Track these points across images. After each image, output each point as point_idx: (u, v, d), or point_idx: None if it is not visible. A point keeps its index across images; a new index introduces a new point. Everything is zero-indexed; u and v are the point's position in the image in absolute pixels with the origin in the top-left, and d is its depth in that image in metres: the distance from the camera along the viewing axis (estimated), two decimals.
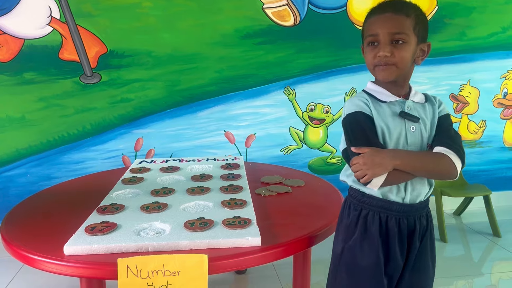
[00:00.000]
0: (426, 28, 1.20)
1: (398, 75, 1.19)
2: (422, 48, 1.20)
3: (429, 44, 1.21)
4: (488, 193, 2.81)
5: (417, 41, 1.17)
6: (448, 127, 1.23)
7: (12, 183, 2.76)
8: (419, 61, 1.21)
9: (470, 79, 3.13)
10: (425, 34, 1.20)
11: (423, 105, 1.24)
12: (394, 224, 1.22)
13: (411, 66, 1.21)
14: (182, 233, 1.26)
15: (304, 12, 2.83)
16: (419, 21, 1.17)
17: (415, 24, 1.16)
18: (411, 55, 1.17)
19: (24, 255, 1.24)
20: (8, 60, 2.61)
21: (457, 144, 1.20)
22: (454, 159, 1.17)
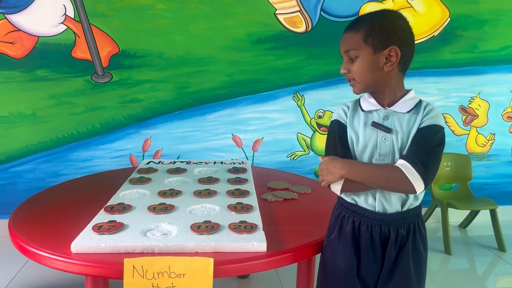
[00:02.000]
0: (384, 34, 1.15)
1: (363, 87, 1.21)
2: (386, 54, 1.16)
3: (392, 48, 1.15)
4: (495, 207, 2.79)
5: (372, 51, 1.16)
6: (419, 139, 1.16)
7: (20, 178, 2.78)
8: (388, 67, 1.16)
9: (480, 91, 3.12)
10: (384, 41, 1.15)
11: (405, 114, 1.20)
12: (365, 230, 1.23)
13: (383, 75, 1.18)
14: (189, 236, 1.27)
15: (316, 19, 2.84)
16: (371, 31, 1.16)
17: (365, 36, 1.16)
18: (367, 67, 1.17)
19: (31, 251, 1.25)
20: (21, 57, 2.64)
21: (420, 157, 1.13)
22: (408, 173, 1.13)
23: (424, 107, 1.20)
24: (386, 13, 1.20)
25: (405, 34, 1.17)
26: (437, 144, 1.16)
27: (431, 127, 1.17)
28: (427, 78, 3.04)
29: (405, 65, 1.21)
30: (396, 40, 1.15)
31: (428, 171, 1.14)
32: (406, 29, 1.18)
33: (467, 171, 3.04)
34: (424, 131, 1.17)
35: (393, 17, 1.19)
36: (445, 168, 3.03)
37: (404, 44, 1.16)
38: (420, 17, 2.94)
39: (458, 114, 3.13)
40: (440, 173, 3.02)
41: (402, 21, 1.19)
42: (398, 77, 1.21)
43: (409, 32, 1.19)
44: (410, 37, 1.19)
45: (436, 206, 2.97)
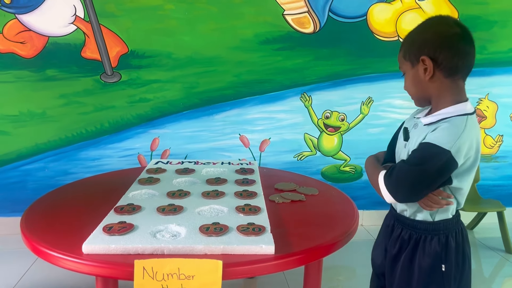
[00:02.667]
0: (416, 47, 1.19)
1: (416, 100, 1.27)
2: (422, 67, 1.18)
3: (423, 59, 1.16)
4: (502, 209, 2.78)
5: (411, 65, 1.21)
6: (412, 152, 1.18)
7: (30, 176, 2.82)
8: (427, 77, 1.17)
9: (488, 93, 3.11)
10: (417, 53, 1.18)
11: (423, 127, 1.20)
12: (388, 219, 1.38)
13: (427, 86, 1.19)
14: (198, 237, 1.28)
15: (324, 20, 2.84)
16: (407, 47, 1.22)
17: (404, 53, 1.23)
18: (411, 80, 1.23)
19: (43, 251, 1.27)
20: (32, 57, 2.67)
21: (398, 171, 1.15)
22: (380, 182, 1.19)
23: (441, 124, 1.15)
24: (425, 24, 1.23)
25: (439, 40, 1.15)
26: (422, 163, 1.12)
27: (423, 144, 1.15)
28: None
29: (451, 69, 1.16)
30: (429, 48, 1.15)
31: (398, 187, 1.15)
32: (443, 32, 1.16)
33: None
34: (419, 145, 1.17)
35: (424, 26, 1.22)
36: None
37: (439, 49, 1.15)
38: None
39: None
40: None
41: (435, 27, 1.19)
42: (444, 84, 1.18)
43: (447, 34, 1.15)
44: (446, 40, 1.15)
45: None
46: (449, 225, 1.22)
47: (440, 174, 1.13)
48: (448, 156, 1.10)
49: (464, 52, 1.16)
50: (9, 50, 2.65)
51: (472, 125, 1.15)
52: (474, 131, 1.16)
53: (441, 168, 1.11)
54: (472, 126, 1.15)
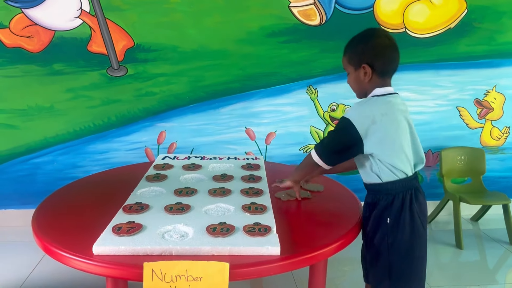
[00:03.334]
0: (358, 56, 1.47)
1: (357, 94, 1.56)
2: (362, 71, 1.46)
3: (364, 66, 1.45)
4: (507, 202, 2.79)
5: (354, 69, 1.50)
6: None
7: (40, 170, 2.86)
8: (367, 79, 1.47)
9: (496, 84, 3.08)
10: (359, 61, 1.46)
11: None
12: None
13: (365, 84, 1.49)
14: (205, 238, 1.31)
15: (330, 12, 2.83)
16: (351, 54, 1.50)
17: (348, 59, 1.51)
18: (354, 80, 1.52)
19: (55, 251, 1.30)
20: (38, 51, 2.69)
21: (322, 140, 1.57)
22: (312, 152, 1.56)
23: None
24: (363, 36, 1.51)
25: (378, 50, 1.45)
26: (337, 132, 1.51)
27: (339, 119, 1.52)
28: (442, 71, 3.01)
29: (383, 72, 1.47)
30: (368, 58, 1.45)
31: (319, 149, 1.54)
32: (380, 45, 1.46)
33: (480, 165, 3.03)
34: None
35: (367, 39, 1.48)
36: (458, 162, 3.03)
37: (376, 58, 1.45)
38: (436, 9, 2.90)
39: (473, 107, 3.11)
40: (453, 167, 3.03)
41: (377, 38, 1.47)
42: (378, 82, 1.48)
43: (383, 46, 1.46)
44: (385, 51, 1.46)
45: (448, 200, 2.97)
46: (395, 186, 1.48)
47: (343, 135, 1.48)
48: (348, 121, 1.44)
49: (393, 59, 1.48)
50: (16, 45, 2.67)
51: (376, 101, 1.46)
52: (377, 105, 1.46)
53: (343, 130, 1.47)
54: (375, 102, 1.46)
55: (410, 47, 2.93)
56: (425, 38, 2.94)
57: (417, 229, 1.49)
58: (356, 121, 1.42)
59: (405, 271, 1.49)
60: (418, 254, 1.51)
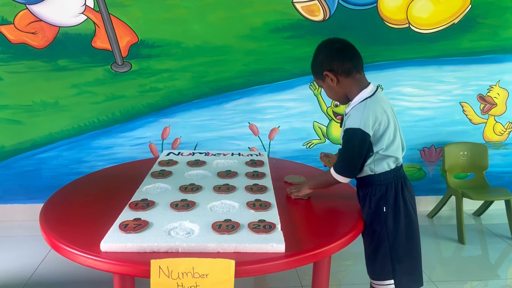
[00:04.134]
0: (319, 68, 1.57)
1: (338, 100, 1.63)
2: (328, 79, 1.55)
3: (326, 74, 1.55)
4: (510, 197, 2.80)
5: (322, 81, 1.60)
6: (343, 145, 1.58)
7: (45, 165, 2.88)
8: (334, 83, 1.55)
9: (499, 80, 3.08)
10: (321, 72, 1.56)
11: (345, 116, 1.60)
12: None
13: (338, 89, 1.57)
14: (210, 235, 1.33)
15: (334, 8, 2.82)
16: (314, 72, 1.62)
17: (315, 76, 1.64)
18: (328, 90, 1.61)
19: (62, 248, 1.33)
20: (43, 47, 2.70)
21: (338, 159, 1.60)
22: (333, 174, 1.59)
23: (350, 111, 1.55)
24: (315, 54, 1.62)
25: (329, 55, 1.55)
26: (347, 145, 1.54)
27: (345, 131, 1.55)
28: (446, 67, 3.01)
29: (346, 71, 1.53)
30: (326, 66, 1.55)
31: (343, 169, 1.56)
32: (329, 50, 1.56)
33: (483, 161, 3.04)
34: (342, 137, 1.59)
35: (317, 53, 1.60)
36: (461, 157, 3.04)
37: (332, 63, 1.53)
38: (440, 4, 2.89)
39: (476, 103, 3.11)
40: (455, 162, 3.04)
41: (323, 49, 1.59)
42: (346, 83, 1.55)
43: (331, 51, 1.56)
44: (334, 54, 1.54)
45: (450, 195, 2.99)
46: (387, 177, 1.56)
47: (361, 146, 1.50)
48: (361, 131, 1.48)
49: (349, 56, 1.54)
50: (21, 41, 2.68)
51: (372, 102, 1.51)
52: (374, 105, 1.50)
53: (360, 141, 1.50)
54: (371, 104, 1.50)
55: (413, 42, 2.92)
56: (428, 34, 2.93)
57: (409, 214, 1.59)
58: (366, 127, 1.48)
59: (405, 254, 1.57)
60: (414, 235, 1.60)
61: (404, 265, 1.57)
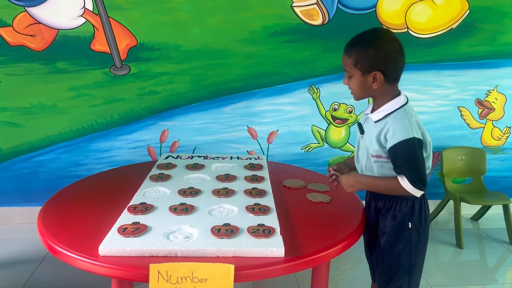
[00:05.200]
0: (370, 61, 1.39)
1: (358, 98, 1.51)
2: (372, 76, 1.41)
3: (375, 73, 1.40)
4: (508, 202, 2.81)
5: (361, 74, 1.42)
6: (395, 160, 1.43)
7: (42, 167, 2.87)
8: (375, 86, 1.43)
9: (497, 85, 3.09)
10: (369, 66, 1.40)
11: (374, 124, 1.48)
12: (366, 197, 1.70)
13: (371, 90, 1.44)
14: (209, 240, 1.33)
15: (333, 12, 2.83)
16: (359, 58, 1.41)
17: (355, 62, 1.42)
18: (358, 85, 1.45)
19: (60, 252, 1.32)
20: (42, 49, 2.69)
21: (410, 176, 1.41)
22: (408, 188, 1.42)
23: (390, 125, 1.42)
24: (374, 39, 1.43)
25: (389, 56, 1.40)
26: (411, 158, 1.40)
27: (394, 147, 1.41)
28: (444, 71, 3.02)
29: (393, 78, 1.44)
30: (381, 65, 1.40)
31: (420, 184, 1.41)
32: (391, 51, 1.41)
33: (481, 165, 3.05)
34: (391, 152, 1.43)
35: (379, 43, 1.40)
36: (459, 161, 3.05)
37: (388, 65, 1.40)
38: (439, 9, 2.90)
39: (474, 108, 3.12)
40: (453, 167, 3.04)
41: (388, 44, 1.41)
42: (385, 88, 1.44)
43: (394, 52, 1.41)
44: (395, 56, 1.41)
45: (448, 199, 2.99)
46: None
47: (421, 153, 1.42)
48: (416, 139, 1.40)
49: (402, 64, 1.44)
50: (19, 43, 2.67)
51: (409, 110, 1.45)
52: (412, 112, 1.45)
53: (419, 148, 1.41)
54: (409, 111, 1.44)
55: (412, 47, 2.93)
56: (427, 38, 2.94)
57: (428, 229, 1.55)
58: (417, 133, 1.41)
59: (420, 269, 1.56)
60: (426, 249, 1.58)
61: (416, 279, 1.56)
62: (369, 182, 1.53)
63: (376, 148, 1.46)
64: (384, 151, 1.45)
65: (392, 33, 1.46)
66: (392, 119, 1.42)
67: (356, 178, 1.54)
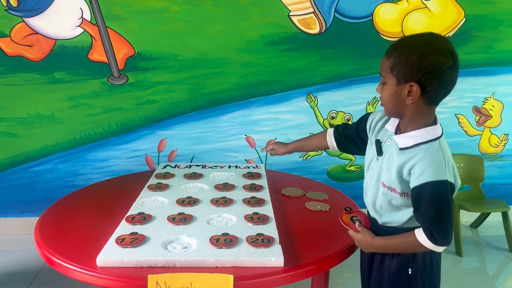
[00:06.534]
0: (408, 69, 1.13)
1: (389, 112, 1.27)
2: (407, 89, 1.16)
3: (412, 85, 1.14)
4: (507, 209, 2.80)
5: (396, 82, 1.17)
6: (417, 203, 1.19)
7: (40, 178, 2.86)
8: (410, 101, 1.17)
9: (494, 92, 3.11)
10: (407, 75, 1.14)
11: (398, 150, 1.23)
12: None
13: (404, 106, 1.20)
14: (208, 250, 1.31)
15: (330, 21, 2.85)
16: (398, 62, 1.15)
17: (392, 66, 1.17)
18: (390, 95, 1.20)
19: (58, 263, 1.31)
20: (39, 60, 2.70)
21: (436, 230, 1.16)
22: (419, 236, 1.19)
23: (414, 155, 1.19)
24: (422, 45, 1.15)
25: (436, 68, 1.11)
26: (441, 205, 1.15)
27: (421, 187, 1.16)
28: None
29: (434, 99, 1.18)
30: (422, 76, 1.13)
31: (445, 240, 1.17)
32: (440, 64, 1.11)
33: (479, 172, 3.05)
34: (415, 193, 1.18)
35: (426, 51, 1.12)
36: (457, 169, 3.04)
37: (432, 79, 1.12)
38: (435, 17, 2.92)
39: (471, 115, 3.13)
40: None
41: (438, 55, 1.11)
42: (421, 109, 1.19)
43: (444, 66, 1.11)
44: (443, 72, 1.12)
45: None
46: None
47: (451, 202, 1.17)
48: (449, 182, 1.15)
49: (451, 84, 1.16)
50: (17, 53, 2.68)
51: (445, 146, 1.22)
52: (447, 149, 1.22)
53: (451, 197, 1.17)
54: (445, 147, 1.21)
55: None
56: None
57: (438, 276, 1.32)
58: (450, 177, 1.15)
59: None
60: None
61: None
62: (384, 245, 1.30)
63: (393, 179, 1.23)
64: (402, 186, 1.22)
65: (450, 44, 1.15)
66: (423, 152, 1.18)
67: (371, 241, 1.31)
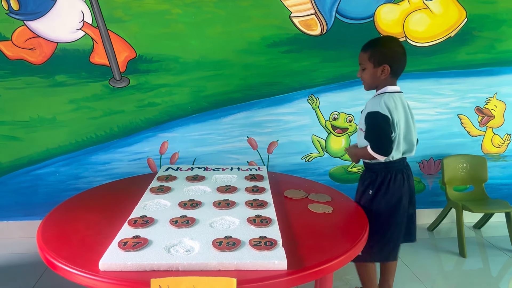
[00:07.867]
0: (381, 56, 1.80)
1: (368, 87, 1.93)
2: (382, 69, 1.81)
3: (384, 66, 1.81)
4: (510, 209, 2.79)
5: (373, 66, 1.83)
6: (365, 128, 1.85)
7: (42, 181, 2.85)
8: (383, 76, 1.82)
9: (496, 92, 3.09)
10: (380, 60, 1.80)
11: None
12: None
13: (379, 80, 1.84)
14: (211, 253, 1.31)
15: (331, 22, 2.84)
16: (373, 53, 1.82)
17: (369, 56, 1.83)
18: (370, 76, 1.85)
19: (60, 267, 1.30)
20: (41, 63, 2.69)
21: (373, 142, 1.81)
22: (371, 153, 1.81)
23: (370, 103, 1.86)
24: (386, 41, 1.90)
25: (397, 55, 1.83)
26: (374, 127, 1.80)
27: (366, 115, 1.84)
28: (443, 79, 3.02)
29: (396, 73, 1.85)
30: (389, 60, 1.81)
31: (380, 148, 1.79)
32: (398, 52, 1.84)
33: (482, 173, 3.04)
34: (365, 121, 1.85)
35: (389, 44, 1.86)
36: (460, 169, 3.04)
37: (395, 62, 1.82)
38: (436, 18, 2.91)
39: (474, 115, 3.12)
40: (455, 175, 3.03)
41: (396, 47, 1.85)
42: (389, 80, 1.84)
43: (400, 53, 1.84)
44: (401, 57, 1.84)
45: (450, 208, 2.97)
46: (379, 166, 1.87)
47: (385, 125, 1.77)
48: (381, 114, 1.77)
49: (404, 64, 1.86)
50: (19, 57, 2.68)
51: (392, 96, 1.81)
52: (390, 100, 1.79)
53: (382, 121, 1.77)
54: (388, 97, 1.80)
55: (410, 55, 2.86)
56: (425, 47, 2.95)
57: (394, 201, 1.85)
58: (383, 110, 1.76)
59: (384, 236, 1.85)
60: (393, 221, 1.86)
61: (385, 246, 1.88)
62: (356, 153, 1.95)
63: (362, 122, 1.88)
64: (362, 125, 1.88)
65: (399, 40, 1.91)
66: (372, 99, 1.85)
67: (355, 152, 1.95)
